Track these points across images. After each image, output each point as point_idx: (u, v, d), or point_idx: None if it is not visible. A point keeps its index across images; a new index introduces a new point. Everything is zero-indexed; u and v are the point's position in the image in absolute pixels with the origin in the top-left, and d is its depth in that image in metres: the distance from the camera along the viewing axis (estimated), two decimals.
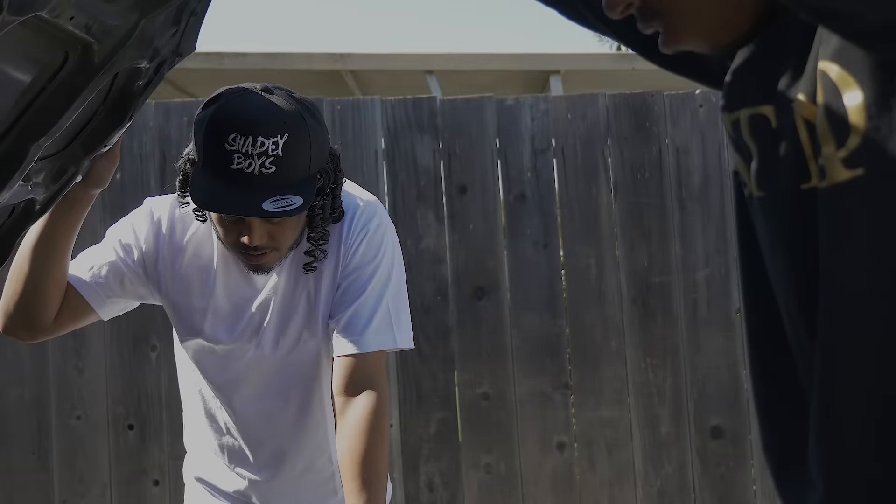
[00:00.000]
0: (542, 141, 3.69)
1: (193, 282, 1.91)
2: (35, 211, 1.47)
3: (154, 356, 3.58)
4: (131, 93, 1.43)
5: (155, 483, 3.56)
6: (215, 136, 1.68)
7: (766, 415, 1.08)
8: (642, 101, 3.70)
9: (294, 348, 1.90)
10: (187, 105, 3.70)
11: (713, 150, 3.69)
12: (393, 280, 1.89)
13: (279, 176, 1.68)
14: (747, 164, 1.03)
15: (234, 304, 1.90)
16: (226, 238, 1.80)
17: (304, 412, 1.94)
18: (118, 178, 3.64)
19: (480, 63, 5.54)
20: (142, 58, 1.36)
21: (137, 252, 1.92)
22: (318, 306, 1.88)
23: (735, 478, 3.62)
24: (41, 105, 1.28)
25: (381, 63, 5.51)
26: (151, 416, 3.58)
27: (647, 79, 5.57)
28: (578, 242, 3.66)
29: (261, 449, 1.96)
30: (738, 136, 1.04)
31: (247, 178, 1.66)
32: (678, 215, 3.67)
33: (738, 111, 1.03)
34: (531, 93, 4.11)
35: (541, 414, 3.61)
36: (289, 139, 1.68)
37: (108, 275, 1.91)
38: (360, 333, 1.83)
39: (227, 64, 5.54)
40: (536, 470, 3.61)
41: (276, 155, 1.67)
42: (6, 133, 1.26)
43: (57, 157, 1.42)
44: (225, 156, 1.67)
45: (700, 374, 3.64)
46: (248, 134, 1.66)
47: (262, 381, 1.92)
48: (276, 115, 1.70)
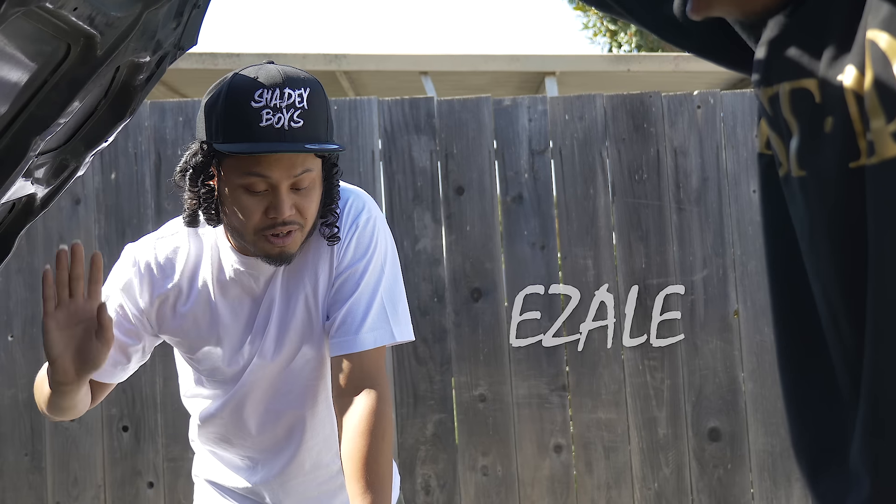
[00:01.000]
0: (540, 142, 3.67)
1: (198, 314, 1.89)
2: (35, 207, 1.45)
3: (149, 359, 3.55)
4: (133, 87, 1.41)
5: (150, 485, 3.53)
6: (239, 99, 1.68)
7: (798, 411, 1.02)
8: (640, 102, 3.69)
9: (296, 352, 1.88)
10: (183, 105, 3.68)
11: (711, 152, 3.68)
12: (387, 273, 1.87)
13: (307, 129, 1.68)
14: (785, 141, 0.98)
15: (241, 321, 1.88)
16: (249, 221, 1.75)
17: (309, 411, 1.92)
18: (113, 178, 3.62)
19: (475, 64, 5.53)
20: (144, 51, 1.34)
21: (136, 314, 1.89)
22: (316, 308, 1.86)
23: (733, 480, 3.61)
24: (43, 99, 1.26)
25: (376, 64, 5.49)
26: (146, 417, 3.56)
27: (642, 80, 5.57)
28: (576, 244, 3.65)
29: (268, 448, 1.95)
30: (777, 112, 0.99)
31: (278, 132, 1.66)
32: (676, 217, 3.66)
33: (777, 85, 0.98)
34: (526, 94, 4.09)
35: (538, 416, 3.60)
36: (311, 93, 1.69)
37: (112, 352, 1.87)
38: (355, 332, 1.81)
39: (220, 64, 5.51)
40: (533, 472, 3.59)
41: (303, 107, 1.68)
42: (8, 127, 1.24)
43: (58, 151, 1.40)
44: (252, 114, 1.66)
45: (697, 377, 3.63)
46: (275, 87, 1.67)
47: (267, 385, 1.91)
48: (295, 71, 1.72)
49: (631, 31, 14.10)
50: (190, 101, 3.68)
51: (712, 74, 5.70)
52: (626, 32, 14.25)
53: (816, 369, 0.99)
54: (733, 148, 3.69)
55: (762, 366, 3.64)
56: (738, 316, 3.65)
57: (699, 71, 5.64)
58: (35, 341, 3.54)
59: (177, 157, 3.64)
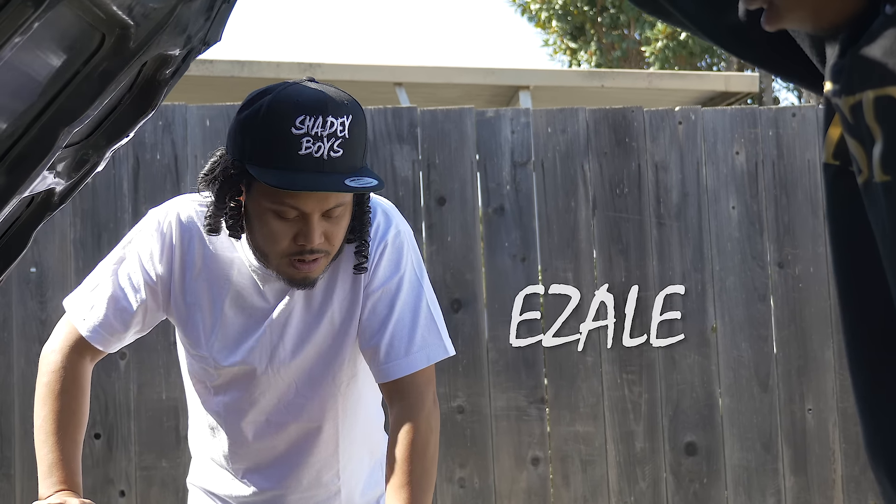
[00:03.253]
0: (522, 154, 3.67)
1: (203, 297, 1.82)
2: (54, 202, 1.41)
3: (123, 364, 3.50)
4: (158, 81, 1.38)
5: (121, 494, 3.47)
6: (279, 123, 1.59)
7: (871, 413, 1.03)
8: (622, 116, 3.71)
9: (312, 368, 1.83)
10: (162, 109, 3.63)
11: (691, 167, 3.71)
12: (425, 287, 1.82)
13: (346, 160, 1.61)
14: (867, 148, 1.00)
15: (244, 322, 1.83)
16: (275, 246, 1.69)
17: (316, 429, 1.88)
18: (90, 181, 3.56)
19: (451, 76, 5.53)
20: (174, 45, 1.32)
21: (150, 281, 1.82)
22: (340, 326, 1.81)
23: (708, 495, 3.63)
24: (73, 90, 1.23)
25: (351, 74, 5.47)
26: (119, 425, 3.49)
27: (615, 96, 5.61)
28: (557, 256, 3.65)
29: (269, 463, 1.91)
30: (859, 120, 1.00)
31: (316, 162, 1.59)
32: (656, 231, 3.68)
33: (861, 93, 1.00)
34: (498, 108, 4.11)
35: (516, 428, 3.59)
36: (353, 120, 1.62)
37: (112, 316, 1.83)
38: (405, 354, 1.76)
39: (194, 71, 5.46)
40: (510, 485, 3.58)
41: (344, 136, 1.61)
42: (37, 117, 1.21)
43: (80, 146, 1.37)
44: (292, 141, 1.58)
45: (675, 391, 3.64)
46: (318, 114, 1.59)
47: (276, 398, 1.86)
48: (338, 95, 1.64)
49: (591, 49, 14.20)
50: (169, 106, 3.64)
51: (686, 92, 5.76)
52: (586, 51, 14.35)
53: (889, 370, 1.00)
54: (713, 164, 3.72)
55: (739, 381, 3.66)
56: (715, 331, 3.68)
57: (673, 88, 5.70)
58: (6, 346, 3.47)
59: (155, 161, 3.59)
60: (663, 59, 12.14)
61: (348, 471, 1.94)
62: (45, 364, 1.87)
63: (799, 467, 3.66)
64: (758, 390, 3.66)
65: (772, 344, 3.69)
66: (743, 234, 3.71)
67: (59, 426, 1.82)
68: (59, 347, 1.86)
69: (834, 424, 3.67)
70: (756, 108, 3.84)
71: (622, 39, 13.44)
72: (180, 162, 3.58)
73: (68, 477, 1.80)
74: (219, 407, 1.90)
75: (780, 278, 3.71)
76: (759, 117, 3.77)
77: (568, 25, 14.17)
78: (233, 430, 1.91)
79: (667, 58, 12.18)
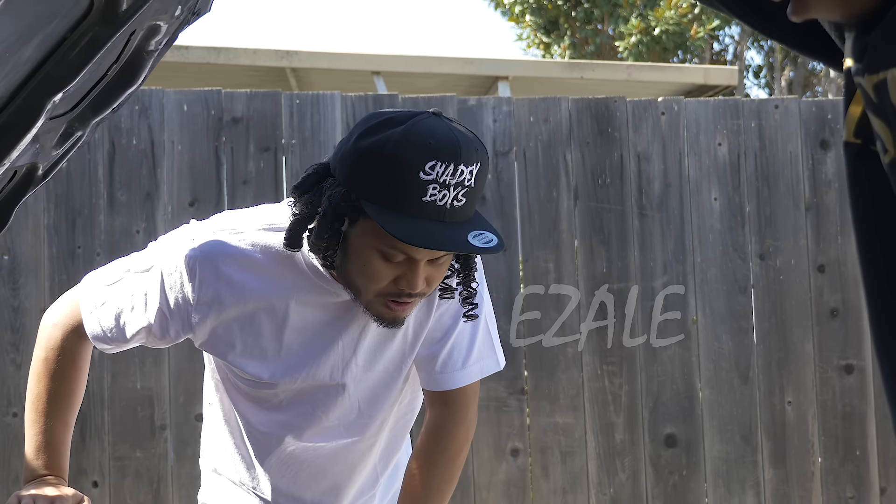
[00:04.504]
0: (504, 143, 3.64)
1: (263, 323, 1.68)
2: (37, 176, 1.36)
3: (97, 352, 3.43)
4: (146, 52, 1.34)
5: (94, 484, 3.41)
6: (409, 165, 1.46)
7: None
8: (605, 106, 3.69)
9: (377, 385, 1.75)
10: (139, 94, 3.57)
11: (674, 158, 3.69)
12: (485, 298, 1.75)
13: (466, 209, 1.50)
14: (892, 127, 0.98)
15: (309, 341, 1.71)
16: (374, 285, 1.56)
17: (369, 447, 1.81)
18: (64, 167, 3.49)
19: (430, 66, 5.49)
20: (165, 13, 1.27)
21: (183, 316, 1.67)
22: (413, 338, 1.73)
23: (688, 487, 3.61)
24: (60, 58, 1.18)
25: (329, 62, 5.41)
26: (92, 414, 3.43)
27: (594, 88, 5.59)
28: (538, 247, 3.62)
29: (314, 485, 1.82)
30: (883, 99, 0.99)
31: (438, 211, 1.47)
32: (638, 222, 3.66)
33: (886, 71, 0.98)
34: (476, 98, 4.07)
35: (495, 419, 3.56)
36: (480, 168, 1.51)
37: (130, 335, 1.73)
38: (462, 366, 1.72)
39: (169, 57, 5.38)
40: (490, 476, 3.55)
41: (470, 186, 1.49)
42: (23, 84, 1.16)
43: (64, 117, 1.32)
44: (419, 187, 1.46)
45: (655, 383, 3.62)
46: (450, 161, 1.47)
47: (336, 418, 1.76)
48: (471, 141, 1.51)
49: (564, 44, 14.17)
50: (146, 90, 3.57)
51: (665, 84, 5.75)
52: (559, 46, 14.33)
53: None
54: (696, 155, 3.70)
55: (719, 373, 3.65)
56: (696, 323, 3.66)
57: (652, 81, 5.68)
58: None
59: (131, 146, 3.53)
60: (637, 54, 12.13)
61: (383, 491, 1.92)
62: (46, 338, 1.78)
63: (778, 459, 3.65)
64: (738, 382, 3.65)
65: (752, 336, 3.68)
66: (724, 225, 3.69)
67: (52, 406, 1.75)
68: (62, 322, 1.77)
69: (813, 417, 3.67)
70: (739, 100, 3.82)
71: (596, 34, 13.42)
72: (157, 147, 3.52)
73: (55, 462, 1.73)
74: (271, 426, 1.78)
75: (761, 270, 3.69)
76: (742, 109, 3.75)
77: (541, 20, 14.13)
78: (278, 449, 1.79)
79: (640, 53, 12.17)
